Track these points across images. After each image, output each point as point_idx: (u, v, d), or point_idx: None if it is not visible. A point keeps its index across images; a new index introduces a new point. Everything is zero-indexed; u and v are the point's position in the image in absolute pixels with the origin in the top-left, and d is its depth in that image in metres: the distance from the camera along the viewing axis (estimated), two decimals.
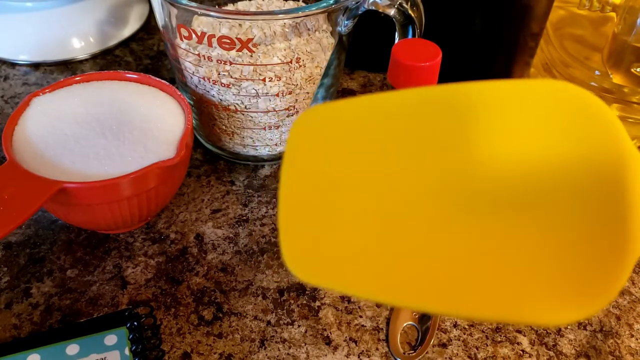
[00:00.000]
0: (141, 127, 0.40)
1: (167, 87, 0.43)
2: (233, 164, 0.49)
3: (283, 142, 0.47)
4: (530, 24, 0.50)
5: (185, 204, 0.45)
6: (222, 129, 0.46)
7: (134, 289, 0.39)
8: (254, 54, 0.40)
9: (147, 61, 0.59)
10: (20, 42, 0.58)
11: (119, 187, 0.36)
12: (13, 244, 0.42)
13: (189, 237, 0.43)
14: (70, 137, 0.39)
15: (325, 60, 0.43)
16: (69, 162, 0.37)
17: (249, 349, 0.37)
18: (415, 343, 0.38)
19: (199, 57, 0.41)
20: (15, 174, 0.35)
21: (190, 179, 0.47)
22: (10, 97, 0.54)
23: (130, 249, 0.42)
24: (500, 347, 0.38)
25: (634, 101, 0.50)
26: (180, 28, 0.40)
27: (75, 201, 0.36)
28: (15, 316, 0.38)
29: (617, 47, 0.50)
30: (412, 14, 0.40)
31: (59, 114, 0.40)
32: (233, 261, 0.42)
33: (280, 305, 0.39)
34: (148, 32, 0.63)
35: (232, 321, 0.38)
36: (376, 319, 0.39)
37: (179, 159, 0.38)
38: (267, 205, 0.46)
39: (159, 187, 0.39)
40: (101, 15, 0.61)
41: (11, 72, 0.57)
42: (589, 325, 0.39)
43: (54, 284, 0.40)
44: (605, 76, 0.50)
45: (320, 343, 0.37)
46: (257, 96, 0.42)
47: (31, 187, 0.35)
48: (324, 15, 0.41)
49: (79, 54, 0.59)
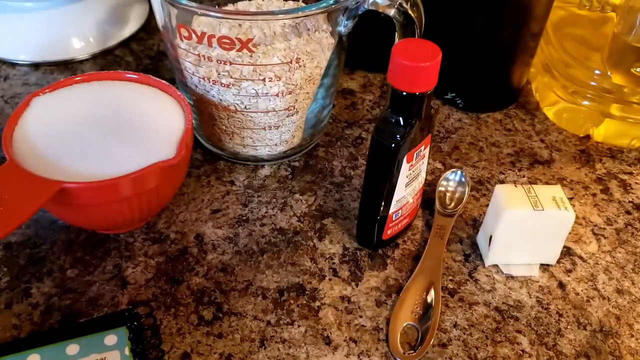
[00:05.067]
0: (141, 127, 0.40)
1: (167, 87, 0.43)
2: (233, 164, 0.49)
3: (283, 142, 0.47)
4: (530, 24, 0.50)
5: (185, 204, 0.45)
6: (222, 129, 0.46)
7: (134, 289, 0.39)
8: (254, 54, 0.40)
9: (147, 61, 0.59)
10: (20, 42, 0.58)
11: (119, 187, 0.36)
12: (13, 244, 0.42)
13: (189, 237, 0.43)
14: (70, 137, 0.39)
15: (325, 60, 0.43)
16: (69, 162, 0.37)
17: (249, 349, 0.37)
18: (415, 343, 0.38)
19: (199, 57, 0.41)
20: (15, 174, 0.35)
21: (190, 179, 0.47)
22: (10, 97, 0.54)
23: (130, 249, 0.42)
24: (500, 347, 0.38)
25: (634, 101, 0.50)
26: (180, 28, 0.40)
27: (75, 201, 0.36)
28: (15, 316, 0.38)
29: (617, 47, 0.50)
30: (412, 14, 0.40)
31: (59, 114, 0.40)
32: (233, 261, 0.42)
33: (280, 305, 0.39)
34: (148, 32, 0.63)
35: (232, 321, 0.38)
36: (376, 319, 0.39)
37: (179, 159, 0.38)
38: (267, 205, 0.46)
39: (159, 187, 0.39)
40: (101, 15, 0.61)
41: (11, 72, 0.57)
42: (588, 325, 0.39)
43: (54, 284, 0.40)
44: (605, 76, 0.50)
45: (320, 343, 0.37)
46: (257, 96, 0.42)
47: (31, 187, 0.35)
48: (324, 16, 0.41)
49: (79, 54, 0.59)
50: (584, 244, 0.44)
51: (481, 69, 0.53)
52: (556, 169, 0.50)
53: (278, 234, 0.44)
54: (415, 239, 0.44)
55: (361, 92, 0.57)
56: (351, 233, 0.44)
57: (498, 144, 0.52)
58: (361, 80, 0.58)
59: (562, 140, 0.53)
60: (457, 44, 0.52)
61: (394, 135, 0.36)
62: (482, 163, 0.50)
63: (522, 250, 0.41)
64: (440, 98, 0.56)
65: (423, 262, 0.42)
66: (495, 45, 0.51)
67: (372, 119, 0.54)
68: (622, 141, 0.52)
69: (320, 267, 0.42)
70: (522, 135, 0.53)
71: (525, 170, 0.50)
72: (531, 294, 0.41)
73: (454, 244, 0.44)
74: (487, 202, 0.46)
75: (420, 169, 0.40)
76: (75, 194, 0.36)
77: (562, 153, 0.52)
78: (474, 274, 0.42)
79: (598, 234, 0.45)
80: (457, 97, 0.55)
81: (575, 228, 0.45)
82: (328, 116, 0.50)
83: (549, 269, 0.42)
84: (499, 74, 0.54)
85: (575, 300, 0.41)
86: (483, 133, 0.53)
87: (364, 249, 0.43)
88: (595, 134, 0.53)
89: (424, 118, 0.37)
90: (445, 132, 0.53)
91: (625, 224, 0.46)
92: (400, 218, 0.42)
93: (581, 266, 0.43)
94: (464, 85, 0.55)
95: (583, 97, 0.52)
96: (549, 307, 0.40)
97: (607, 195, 0.48)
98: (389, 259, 0.42)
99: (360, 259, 0.42)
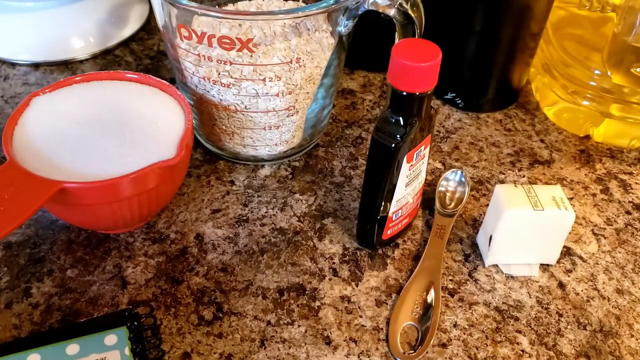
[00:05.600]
0: (141, 127, 0.40)
1: (167, 87, 0.43)
2: (233, 164, 0.49)
3: (283, 142, 0.47)
4: (530, 24, 0.50)
5: (185, 204, 0.45)
6: (222, 129, 0.46)
7: (134, 289, 0.39)
8: (254, 54, 0.40)
9: (147, 61, 0.59)
10: (20, 42, 0.58)
11: (119, 187, 0.36)
12: (13, 244, 0.42)
13: (189, 237, 0.43)
14: (70, 137, 0.39)
15: (325, 60, 0.43)
16: (69, 162, 0.37)
17: (249, 349, 0.37)
18: (415, 343, 0.38)
19: (199, 57, 0.41)
20: (15, 174, 0.35)
21: (190, 179, 0.47)
22: (10, 97, 0.54)
23: (130, 249, 0.42)
24: (500, 347, 0.38)
25: (634, 101, 0.50)
26: (180, 28, 0.40)
27: (75, 201, 0.36)
28: (15, 316, 0.38)
29: (617, 47, 0.50)
30: (412, 14, 0.39)
31: (59, 114, 0.40)
32: (233, 261, 0.42)
33: (280, 305, 0.39)
34: (148, 32, 0.63)
35: (232, 321, 0.38)
36: (376, 319, 0.39)
37: (179, 159, 0.38)
38: (267, 205, 0.46)
39: (159, 187, 0.39)
40: (101, 15, 0.61)
41: (11, 72, 0.57)
42: (588, 325, 0.39)
43: (54, 283, 0.40)
44: (605, 76, 0.50)
45: (320, 343, 0.37)
46: (257, 96, 0.42)
47: (31, 187, 0.35)
48: (324, 15, 0.41)
49: (79, 54, 0.59)
50: (584, 244, 0.44)
51: (481, 69, 0.53)
52: (556, 169, 0.50)
53: (278, 234, 0.44)
54: (415, 239, 0.44)
55: (361, 92, 0.57)
56: (351, 233, 0.44)
57: (498, 144, 0.52)
58: (361, 80, 0.58)
59: (562, 140, 0.53)
60: (457, 44, 0.52)
61: (394, 135, 0.36)
62: (482, 163, 0.50)
63: (522, 250, 0.41)
64: (440, 98, 0.56)
65: (423, 262, 0.42)
66: (495, 46, 0.51)
67: (372, 119, 0.54)
68: (622, 141, 0.52)
69: (320, 267, 0.42)
70: (522, 135, 0.53)
71: (525, 170, 0.50)
72: (531, 294, 0.41)
73: (454, 244, 0.44)
74: (487, 202, 0.46)
75: (420, 169, 0.40)
76: (75, 194, 0.36)
77: (562, 153, 0.52)
78: (474, 274, 0.42)
79: (598, 234, 0.45)
80: (457, 97, 0.55)
81: (575, 228, 0.45)
82: (328, 116, 0.50)
83: (549, 269, 0.42)
84: (499, 74, 0.54)
85: (575, 300, 0.41)
86: (483, 133, 0.53)
87: (364, 249, 0.43)
88: (595, 134, 0.53)
89: (424, 118, 0.37)
90: (445, 132, 0.53)
91: (625, 224, 0.46)
92: (400, 218, 0.42)
93: (581, 266, 0.43)
94: (464, 85, 0.55)
95: (583, 97, 0.52)
96: (549, 307, 0.40)
97: (607, 195, 0.48)
98: (389, 259, 0.42)
99: (360, 259, 0.42)
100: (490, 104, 0.56)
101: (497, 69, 0.53)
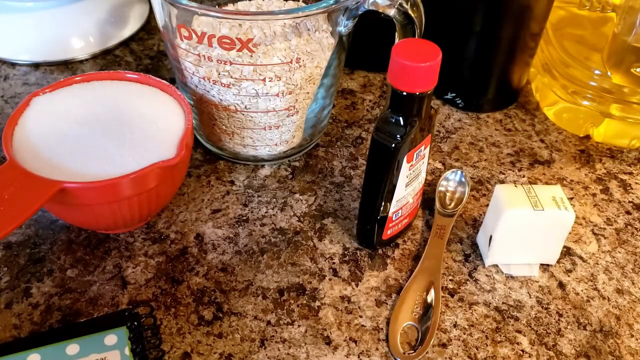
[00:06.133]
0: (141, 127, 0.40)
1: (167, 87, 0.43)
2: (233, 164, 0.49)
3: (283, 142, 0.47)
4: (530, 24, 0.50)
5: (185, 204, 0.45)
6: (222, 129, 0.46)
7: (134, 289, 0.39)
8: (254, 54, 0.40)
9: (147, 61, 0.59)
10: (20, 42, 0.58)
11: (119, 187, 0.36)
12: (13, 244, 0.42)
13: (189, 237, 0.43)
14: (70, 137, 0.39)
15: (325, 60, 0.43)
16: (69, 162, 0.37)
17: (249, 349, 0.37)
18: (415, 343, 0.38)
19: (199, 57, 0.41)
20: (15, 174, 0.35)
21: (190, 179, 0.47)
22: (10, 97, 0.54)
23: (130, 249, 0.42)
24: (500, 347, 0.38)
25: (634, 101, 0.50)
26: (180, 28, 0.40)
27: (75, 201, 0.36)
28: (15, 316, 0.38)
29: (617, 47, 0.50)
30: (412, 14, 0.40)
31: (59, 114, 0.40)
32: (233, 261, 0.42)
33: (280, 305, 0.39)
34: (148, 32, 0.63)
35: (232, 321, 0.38)
36: (376, 319, 0.39)
37: (179, 159, 0.38)
38: (267, 205, 0.46)
39: (159, 187, 0.39)
40: (101, 15, 0.61)
41: (11, 72, 0.57)
42: (589, 325, 0.39)
43: (54, 284, 0.40)
44: (605, 76, 0.50)
45: (320, 343, 0.37)
46: (257, 96, 0.42)
47: (31, 187, 0.35)
48: (324, 16, 0.41)
49: (79, 54, 0.59)
50: (584, 244, 0.44)
51: (481, 69, 0.53)
52: (556, 169, 0.50)
53: (278, 234, 0.44)
54: (415, 239, 0.44)
55: (361, 92, 0.57)
56: (351, 233, 0.44)
57: (498, 144, 0.52)
58: (361, 80, 0.58)
59: (562, 140, 0.53)
60: (457, 44, 0.52)
61: (394, 135, 0.36)
62: (482, 163, 0.50)
63: (522, 250, 0.41)
64: (440, 98, 0.56)
65: (423, 262, 0.42)
66: (495, 46, 0.51)
67: (372, 119, 0.54)
68: (622, 141, 0.52)
69: (320, 267, 0.42)
70: (522, 135, 0.53)
71: (525, 170, 0.50)
72: (531, 294, 0.41)
73: (454, 244, 0.44)
74: (487, 202, 0.46)
75: (420, 169, 0.40)
76: (75, 194, 0.36)
77: (562, 153, 0.52)
78: (474, 274, 0.42)
79: (598, 234, 0.45)
80: (457, 97, 0.55)
81: (575, 228, 0.45)
82: (328, 116, 0.50)
83: (549, 269, 0.42)
84: (499, 74, 0.54)
85: (575, 300, 0.41)
86: (483, 133, 0.53)
87: (364, 249, 0.43)
88: (595, 134, 0.53)
89: (424, 118, 0.37)
90: (445, 132, 0.53)
91: (625, 224, 0.46)
92: (400, 218, 0.42)
93: (581, 266, 0.43)
94: (464, 85, 0.55)
95: (583, 97, 0.52)
96: (549, 307, 0.40)
97: (607, 195, 0.48)
98: (389, 259, 0.42)
99: (360, 259, 0.42)
100: (490, 104, 0.56)
101: (497, 69, 0.53)
